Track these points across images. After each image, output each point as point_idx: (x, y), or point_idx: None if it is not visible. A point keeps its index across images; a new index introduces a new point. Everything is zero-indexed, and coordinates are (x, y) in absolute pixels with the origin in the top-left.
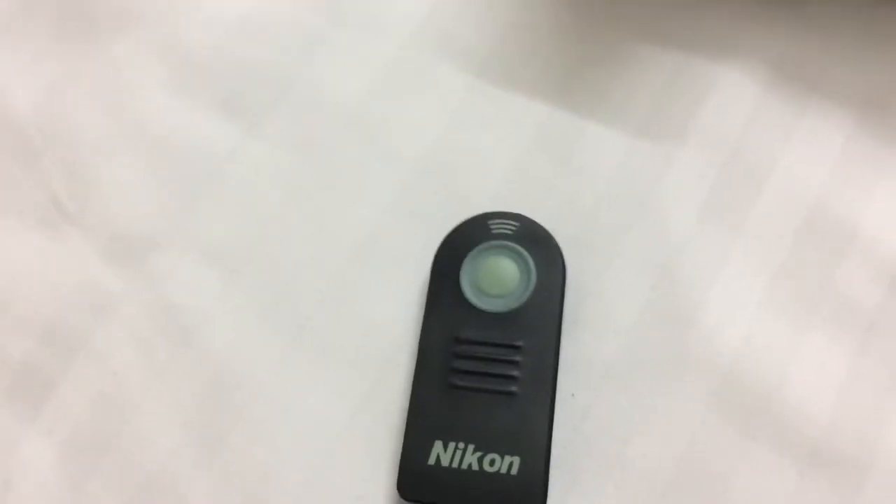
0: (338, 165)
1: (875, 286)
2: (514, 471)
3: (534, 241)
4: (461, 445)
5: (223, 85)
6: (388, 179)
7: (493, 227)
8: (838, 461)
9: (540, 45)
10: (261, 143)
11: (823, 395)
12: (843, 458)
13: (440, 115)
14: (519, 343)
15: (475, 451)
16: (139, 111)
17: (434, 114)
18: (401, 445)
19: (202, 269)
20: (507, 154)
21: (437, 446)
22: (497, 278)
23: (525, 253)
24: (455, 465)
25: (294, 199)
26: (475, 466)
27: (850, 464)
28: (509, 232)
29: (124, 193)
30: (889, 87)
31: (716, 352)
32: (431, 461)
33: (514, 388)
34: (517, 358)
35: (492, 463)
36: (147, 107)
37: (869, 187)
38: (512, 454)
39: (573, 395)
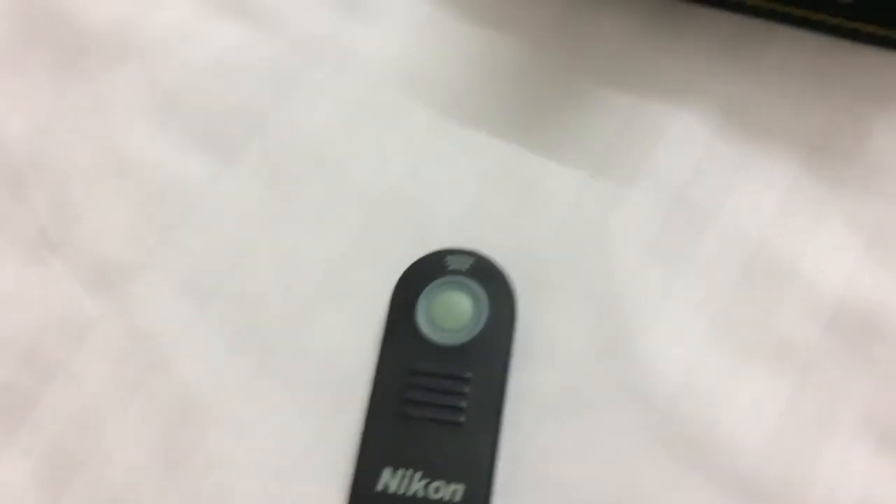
0: (306, 200)
1: (812, 326)
2: (457, 497)
3: (487, 277)
4: (409, 472)
5: (202, 122)
6: (354, 214)
7: (448, 263)
8: (769, 495)
9: (503, 86)
10: (235, 178)
11: (758, 430)
12: (774, 492)
13: (405, 152)
14: (468, 375)
15: (422, 478)
16: (123, 145)
17: (399, 152)
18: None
19: (175, 297)
20: (468, 191)
21: (387, 473)
22: (450, 312)
23: (478, 288)
24: (402, 491)
25: (264, 231)
26: (420, 493)
27: (781, 499)
28: (464, 268)
29: (106, 224)
30: (832, 132)
31: (656, 385)
32: (380, 487)
33: (462, 419)
34: (466, 389)
35: (437, 490)
36: (130, 141)
37: (810, 230)
38: (457, 482)
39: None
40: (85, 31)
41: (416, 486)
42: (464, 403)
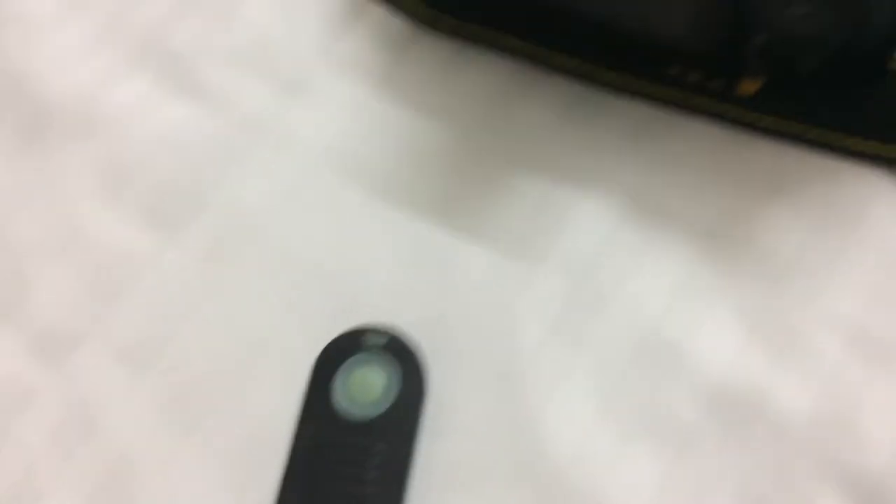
0: (241, 275)
1: (693, 406)
2: None
3: (400, 353)
4: None
5: (149, 196)
6: (284, 289)
7: (365, 340)
8: None
9: (429, 170)
10: (176, 252)
11: (638, 502)
12: None
13: (334, 231)
14: (377, 448)
15: None
16: (73, 218)
17: (329, 230)
18: None
19: (113, 366)
20: (389, 269)
21: None
22: (364, 387)
23: (391, 364)
24: None
25: (200, 304)
26: None
27: None
28: (379, 345)
29: (53, 294)
30: (728, 220)
31: (550, 460)
32: None
33: (369, 490)
34: (375, 461)
35: None
36: (80, 214)
37: (700, 314)
38: None
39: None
40: (43, 105)
41: None
42: (373, 474)
